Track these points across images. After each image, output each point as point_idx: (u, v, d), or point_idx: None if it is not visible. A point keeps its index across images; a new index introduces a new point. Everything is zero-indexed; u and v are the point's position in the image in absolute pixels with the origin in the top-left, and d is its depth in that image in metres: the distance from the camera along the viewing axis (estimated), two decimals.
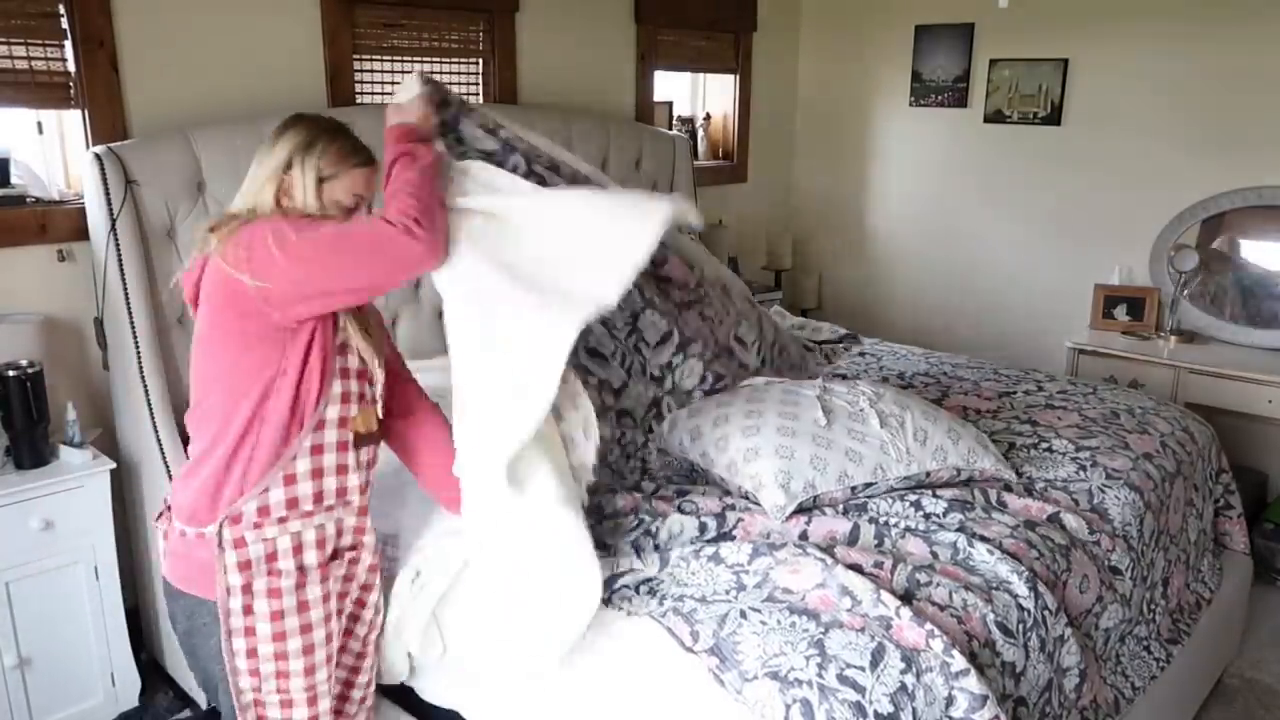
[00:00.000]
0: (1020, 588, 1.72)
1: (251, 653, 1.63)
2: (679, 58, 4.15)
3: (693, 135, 4.37)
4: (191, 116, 2.64)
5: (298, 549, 1.65)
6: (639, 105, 3.97)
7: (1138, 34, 3.73)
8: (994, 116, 4.12)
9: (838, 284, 4.84)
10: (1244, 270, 3.65)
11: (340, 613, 1.74)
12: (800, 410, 2.02)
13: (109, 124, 2.53)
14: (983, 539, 1.84)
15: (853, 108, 4.59)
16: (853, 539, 1.86)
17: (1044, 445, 2.30)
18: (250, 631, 1.62)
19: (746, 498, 1.95)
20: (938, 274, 4.46)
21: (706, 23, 4.18)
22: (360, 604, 1.79)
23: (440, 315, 3.11)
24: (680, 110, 4.41)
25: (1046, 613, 1.75)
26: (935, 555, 1.81)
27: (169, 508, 1.72)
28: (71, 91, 2.50)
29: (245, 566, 1.61)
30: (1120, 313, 3.82)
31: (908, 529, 1.90)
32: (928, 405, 2.17)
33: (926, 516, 1.94)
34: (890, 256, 4.62)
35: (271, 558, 1.63)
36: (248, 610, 1.61)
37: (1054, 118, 3.96)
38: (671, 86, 4.33)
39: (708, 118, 4.50)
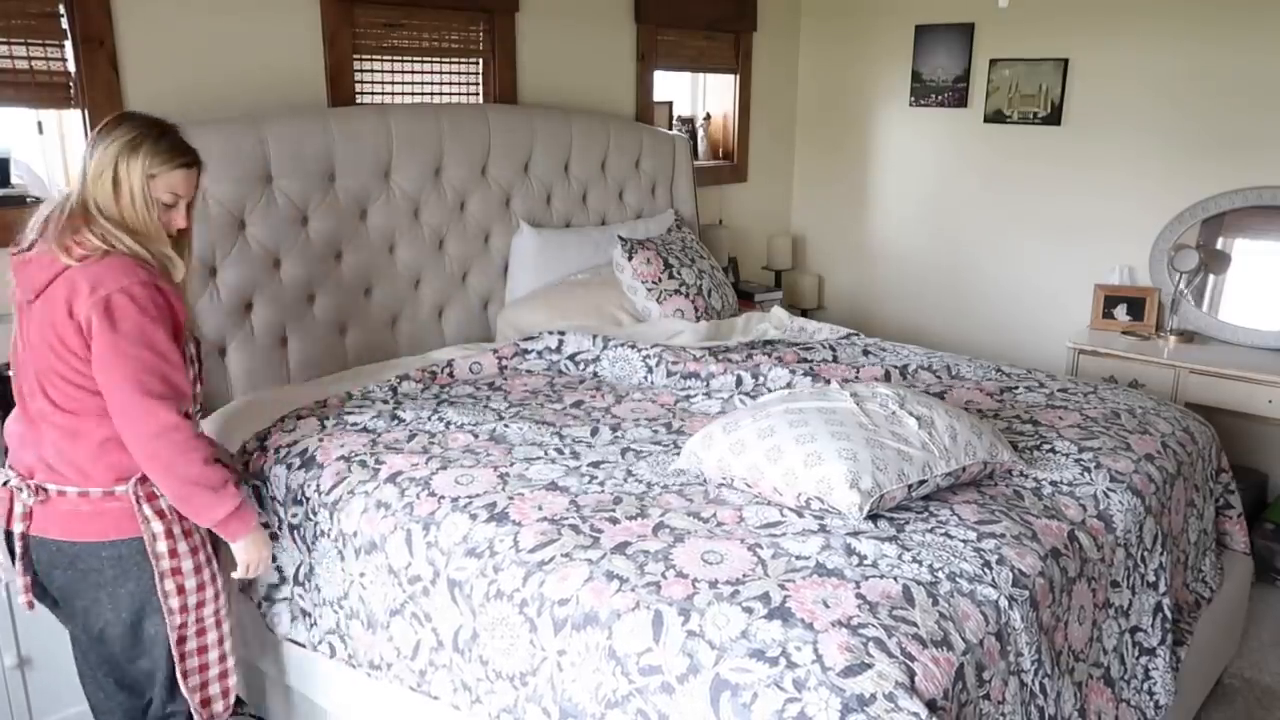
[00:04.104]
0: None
1: (180, 589, 1.88)
2: (679, 58, 4.15)
3: (693, 135, 4.37)
4: (191, 116, 2.63)
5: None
6: (639, 105, 3.98)
7: (1138, 34, 3.73)
8: (994, 116, 4.13)
9: (838, 284, 4.84)
10: (1244, 270, 3.66)
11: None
12: (842, 416, 2.01)
13: None
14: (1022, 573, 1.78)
15: (853, 108, 4.59)
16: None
17: (1046, 446, 2.29)
18: (176, 571, 1.87)
19: (808, 506, 1.93)
20: (938, 274, 4.47)
21: (706, 23, 4.18)
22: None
23: (440, 314, 3.13)
24: (680, 110, 4.41)
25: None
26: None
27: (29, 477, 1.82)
28: (71, 91, 2.50)
29: (161, 515, 1.85)
30: (1120, 313, 3.82)
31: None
32: (947, 404, 2.17)
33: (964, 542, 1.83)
34: (890, 256, 4.62)
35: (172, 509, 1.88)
36: (173, 553, 1.86)
37: (1054, 118, 3.97)
38: (671, 86, 4.33)
39: (708, 118, 4.50)
